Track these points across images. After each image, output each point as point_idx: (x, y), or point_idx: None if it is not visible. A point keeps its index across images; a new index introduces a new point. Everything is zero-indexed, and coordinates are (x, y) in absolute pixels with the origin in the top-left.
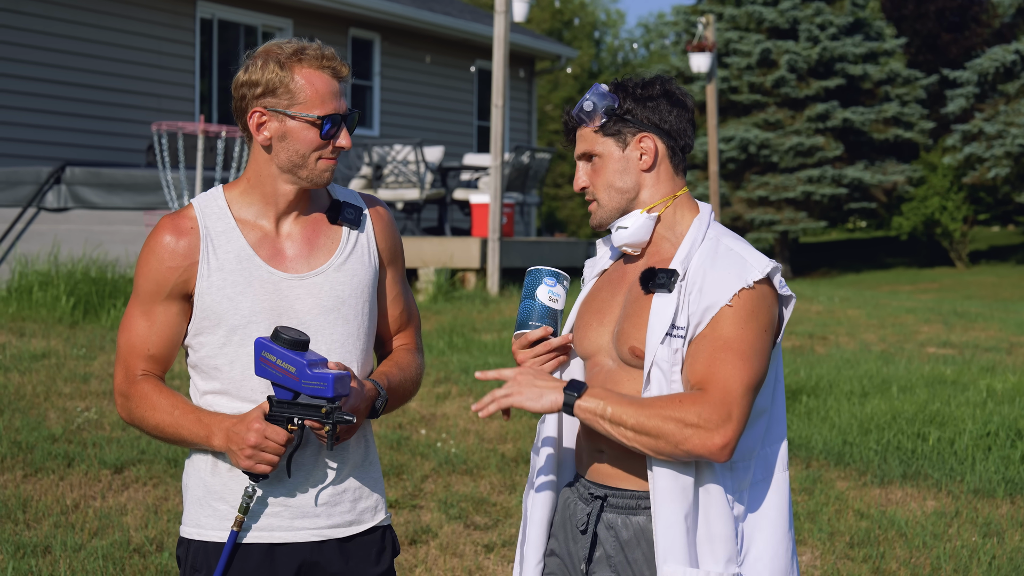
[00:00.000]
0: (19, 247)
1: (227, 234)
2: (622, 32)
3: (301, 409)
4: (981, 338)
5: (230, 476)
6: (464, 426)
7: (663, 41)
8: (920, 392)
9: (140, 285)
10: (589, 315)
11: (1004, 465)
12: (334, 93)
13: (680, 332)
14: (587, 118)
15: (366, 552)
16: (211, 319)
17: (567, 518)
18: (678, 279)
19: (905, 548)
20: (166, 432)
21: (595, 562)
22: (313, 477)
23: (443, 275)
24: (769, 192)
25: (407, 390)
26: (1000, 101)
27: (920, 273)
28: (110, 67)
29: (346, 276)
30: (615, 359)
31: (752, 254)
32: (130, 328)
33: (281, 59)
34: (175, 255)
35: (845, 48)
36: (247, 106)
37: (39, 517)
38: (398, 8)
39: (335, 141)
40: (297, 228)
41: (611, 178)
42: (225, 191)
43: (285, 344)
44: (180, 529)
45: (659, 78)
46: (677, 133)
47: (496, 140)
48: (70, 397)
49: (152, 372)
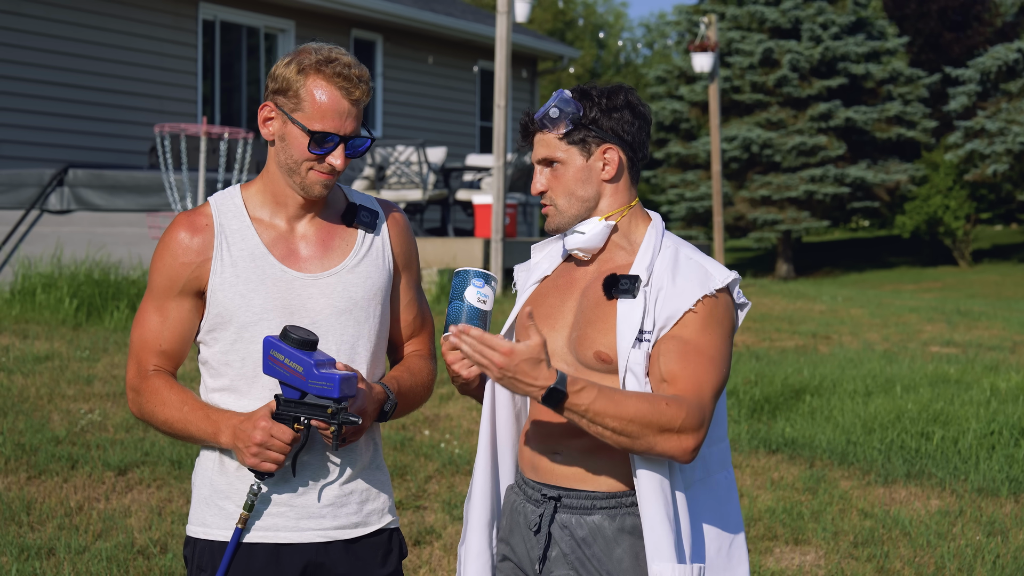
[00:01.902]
0: (22, 249)
1: (242, 232)
2: (624, 33)
3: (308, 409)
4: (984, 337)
5: (236, 475)
6: (468, 427)
7: (665, 41)
8: (924, 391)
9: (154, 280)
10: (538, 320)
11: (1008, 464)
12: (339, 112)
13: (648, 336)
14: (551, 124)
15: (372, 554)
16: (223, 316)
17: (516, 522)
18: (642, 284)
19: (909, 547)
20: (175, 428)
21: (551, 561)
22: (320, 478)
23: (446, 276)
24: (772, 192)
25: (418, 395)
26: (1002, 100)
27: (923, 272)
28: (112, 69)
29: (359, 278)
30: (571, 363)
31: (712, 264)
32: (143, 323)
33: (304, 63)
34: (189, 251)
35: (847, 47)
36: (265, 97)
37: (43, 519)
38: (400, 9)
39: (326, 158)
40: (312, 229)
41: (572, 186)
42: (242, 190)
43: (293, 343)
44: (186, 528)
45: (622, 87)
46: (638, 145)
47: (499, 140)
48: (73, 399)
49: (164, 368)
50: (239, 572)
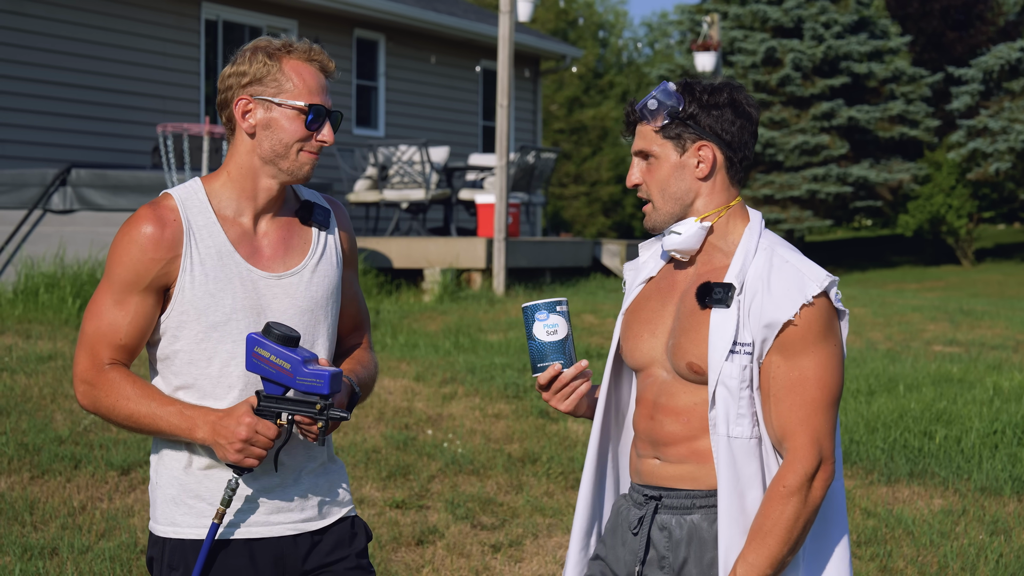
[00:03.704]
0: (25, 249)
1: (208, 228)
2: (625, 32)
3: (292, 404)
4: (987, 336)
5: (205, 473)
6: (470, 426)
7: (668, 40)
8: (926, 390)
9: (116, 273)
10: (639, 325)
11: (1011, 463)
12: (321, 87)
13: (746, 349)
14: (650, 116)
15: (339, 539)
16: (190, 314)
17: (619, 523)
18: (735, 293)
19: (912, 546)
20: (140, 423)
21: (647, 564)
22: (289, 472)
23: (449, 275)
24: (774, 191)
25: (369, 387)
26: (1005, 99)
27: (926, 271)
28: (115, 69)
29: (319, 278)
30: (670, 371)
31: (808, 266)
32: (100, 315)
33: (270, 51)
34: (159, 247)
35: (850, 46)
36: (232, 96)
37: (46, 519)
38: (403, 8)
39: (318, 134)
40: (273, 227)
41: (665, 182)
42: (204, 184)
43: (277, 340)
44: (150, 528)
45: (728, 84)
46: (737, 144)
47: (501, 140)
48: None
49: (120, 361)
50: (214, 568)
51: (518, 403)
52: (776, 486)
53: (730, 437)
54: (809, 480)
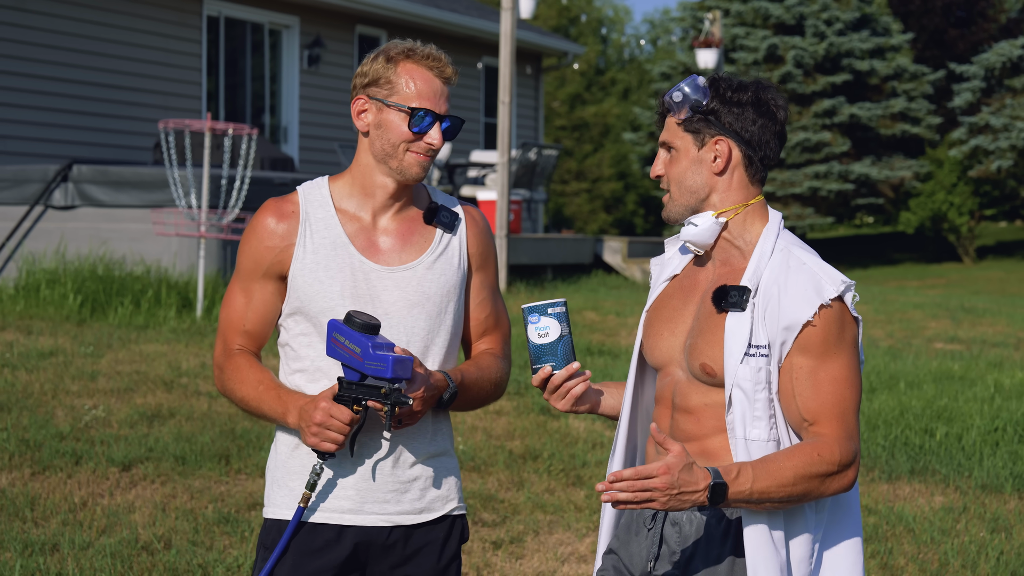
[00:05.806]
0: (26, 245)
1: (326, 221)
2: (627, 28)
3: (365, 390)
4: (988, 333)
5: (309, 457)
6: (471, 423)
7: (670, 37)
8: (928, 388)
9: (241, 263)
10: (660, 323)
11: (1012, 460)
12: (434, 92)
13: (762, 351)
14: (675, 108)
15: (432, 539)
16: (301, 300)
17: (633, 518)
18: (750, 296)
19: (913, 544)
20: (250, 406)
21: (660, 560)
22: (384, 462)
23: None
24: (776, 188)
25: (483, 390)
26: (1007, 96)
27: (927, 268)
28: (117, 65)
29: (434, 275)
30: (686, 371)
31: (824, 269)
32: (230, 303)
33: (391, 54)
34: (273, 235)
35: (852, 44)
36: (354, 95)
37: (47, 515)
38: (405, 5)
39: (425, 136)
40: (394, 224)
41: (682, 174)
42: (330, 181)
43: (356, 327)
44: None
45: (756, 83)
46: (757, 143)
47: (503, 137)
48: (78, 395)
49: (247, 348)
50: (299, 550)
51: (519, 400)
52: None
53: (747, 440)
54: (840, 468)
